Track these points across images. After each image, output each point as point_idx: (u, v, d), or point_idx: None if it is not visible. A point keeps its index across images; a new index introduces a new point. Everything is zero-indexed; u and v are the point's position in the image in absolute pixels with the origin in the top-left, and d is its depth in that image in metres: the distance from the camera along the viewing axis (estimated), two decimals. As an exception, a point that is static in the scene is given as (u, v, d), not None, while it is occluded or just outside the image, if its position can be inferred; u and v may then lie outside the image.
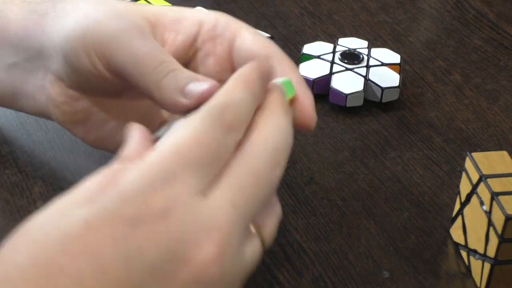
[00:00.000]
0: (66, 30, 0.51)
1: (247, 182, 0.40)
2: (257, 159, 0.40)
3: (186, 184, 0.38)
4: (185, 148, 0.39)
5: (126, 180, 0.38)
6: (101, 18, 0.49)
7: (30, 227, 0.37)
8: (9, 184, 0.58)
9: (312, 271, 0.53)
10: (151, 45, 0.48)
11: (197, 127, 0.40)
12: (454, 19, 0.82)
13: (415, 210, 0.59)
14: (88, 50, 0.49)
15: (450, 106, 0.70)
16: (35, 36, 0.53)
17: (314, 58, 0.71)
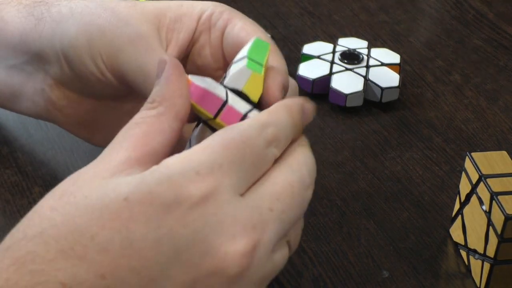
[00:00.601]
0: (69, 37, 0.50)
1: (285, 192, 0.40)
2: (294, 176, 0.41)
3: (229, 178, 0.38)
4: (232, 145, 0.39)
5: (173, 161, 0.38)
6: (105, 26, 0.49)
7: (75, 188, 0.38)
8: (9, 184, 0.58)
9: (312, 271, 0.53)
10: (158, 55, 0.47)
11: (243, 132, 0.40)
12: (454, 19, 0.82)
13: (414, 210, 0.59)
14: (94, 58, 0.49)
15: (450, 106, 0.70)
16: (33, 41, 0.53)
17: (314, 58, 0.71)
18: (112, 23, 0.49)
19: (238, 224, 0.38)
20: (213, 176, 0.38)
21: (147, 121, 0.40)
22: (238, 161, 0.39)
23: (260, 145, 0.40)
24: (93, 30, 0.49)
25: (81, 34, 0.50)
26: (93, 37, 0.49)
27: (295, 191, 0.40)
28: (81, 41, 0.50)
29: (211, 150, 0.39)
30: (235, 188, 0.39)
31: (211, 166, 0.38)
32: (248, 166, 0.39)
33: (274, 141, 0.41)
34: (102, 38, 0.49)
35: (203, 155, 0.38)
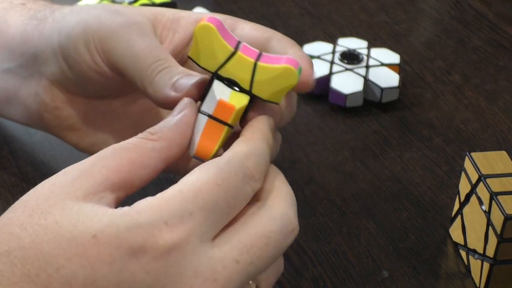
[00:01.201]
0: (66, 28, 0.51)
1: (257, 245, 0.40)
2: (273, 225, 0.40)
3: (198, 226, 0.38)
4: (205, 190, 0.39)
5: (144, 206, 0.38)
6: (101, 15, 0.50)
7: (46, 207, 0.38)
8: (9, 184, 0.58)
9: (312, 271, 0.54)
10: (150, 41, 0.48)
11: (219, 172, 0.40)
12: (454, 19, 0.82)
13: (414, 210, 0.59)
14: (88, 44, 0.50)
15: (450, 106, 0.70)
16: (32, 40, 0.53)
17: (314, 58, 0.71)
18: (107, 13, 0.50)
19: (199, 277, 0.38)
20: (182, 227, 0.38)
21: (139, 150, 0.41)
22: (210, 206, 0.39)
23: (237, 184, 0.40)
24: (89, 17, 0.50)
25: (78, 23, 0.50)
26: (88, 24, 0.50)
27: (270, 243, 0.40)
28: (77, 30, 0.50)
29: (183, 197, 0.38)
30: (205, 236, 0.38)
31: (181, 216, 0.38)
32: (221, 210, 0.39)
33: (254, 175, 0.41)
34: (96, 24, 0.50)
35: (174, 203, 0.38)
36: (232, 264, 0.39)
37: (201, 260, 0.38)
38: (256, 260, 0.39)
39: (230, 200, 0.39)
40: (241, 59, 0.43)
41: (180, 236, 0.38)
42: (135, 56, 0.48)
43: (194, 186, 0.39)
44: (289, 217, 0.41)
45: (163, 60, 0.47)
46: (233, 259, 0.39)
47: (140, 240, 0.37)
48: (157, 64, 0.47)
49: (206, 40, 0.43)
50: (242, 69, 0.44)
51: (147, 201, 0.38)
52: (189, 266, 0.38)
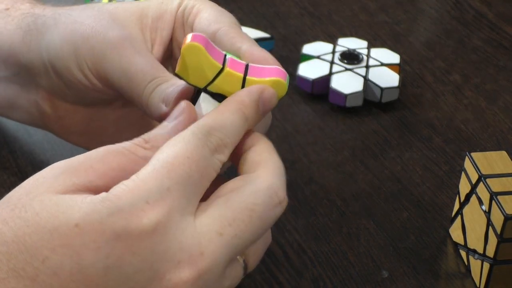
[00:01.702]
0: (54, 47, 0.51)
1: (240, 217, 0.40)
2: (256, 196, 0.40)
3: (178, 200, 0.38)
4: (177, 164, 0.39)
5: (122, 190, 0.38)
6: (89, 34, 0.49)
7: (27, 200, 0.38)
8: (9, 184, 0.58)
9: (311, 271, 0.54)
10: (144, 61, 0.48)
11: (187, 145, 0.40)
12: (454, 19, 0.82)
13: (414, 210, 0.59)
14: (81, 65, 0.50)
15: (450, 106, 0.70)
16: (21, 53, 0.53)
17: (314, 58, 0.71)
18: (94, 29, 0.49)
19: (185, 251, 0.38)
20: (163, 203, 0.38)
21: (130, 157, 0.41)
22: (184, 180, 0.39)
23: (205, 155, 0.40)
24: (77, 38, 0.50)
25: (66, 44, 0.50)
26: (78, 46, 0.49)
27: (254, 215, 0.40)
28: (66, 51, 0.50)
29: (158, 175, 0.39)
30: (185, 210, 0.39)
31: (160, 192, 0.38)
32: (195, 182, 0.39)
33: (219, 147, 0.41)
34: (86, 45, 0.49)
35: (150, 182, 0.38)
36: (216, 237, 0.39)
37: (185, 234, 0.38)
38: (240, 233, 0.39)
39: (202, 172, 0.40)
40: (229, 75, 0.44)
41: (163, 212, 0.38)
42: (129, 78, 0.48)
43: (166, 161, 0.39)
44: (274, 189, 0.41)
45: (158, 79, 0.47)
46: (216, 232, 0.39)
47: (124, 222, 0.37)
48: (152, 83, 0.47)
49: (194, 59, 0.43)
50: (231, 84, 0.44)
51: (124, 184, 0.39)
52: (174, 242, 0.38)
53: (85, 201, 0.38)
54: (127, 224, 0.37)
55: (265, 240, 0.43)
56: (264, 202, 0.40)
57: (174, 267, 0.38)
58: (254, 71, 0.44)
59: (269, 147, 0.44)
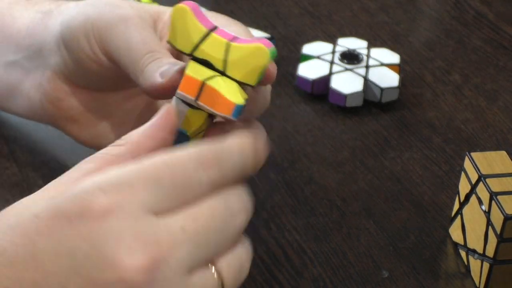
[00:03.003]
0: (68, 19, 0.52)
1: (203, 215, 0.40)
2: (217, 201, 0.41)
3: (138, 197, 0.38)
4: (149, 166, 0.39)
5: (84, 181, 0.39)
6: (103, 8, 0.51)
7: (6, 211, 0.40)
8: (9, 184, 0.58)
9: (311, 271, 0.54)
10: (146, 34, 0.49)
11: (171, 154, 0.40)
12: (454, 19, 0.82)
13: (414, 210, 0.59)
14: (87, 34, 0.51)
15: (450, 106, 0.70)
16: (38, 33, 0.55)
17: (314, 58, 0.71)
18: (108, 5, 0.51)
19: (139, 239, 0.38)
20: (119, 194, 0.38)
21: (104, 158, 0.41)
22: (153, 181, 0.39)
23: (189, 168, 0.40)
24: (89, 10, 0.51)
25: (78, 14, 0.52)
26: (89, 16, 0.51)
27: (215, 214, 0.40)
28: (77, 20, 0.51)
29: (124, 171, 0.39)
30: (147, 207, 0.38)
31: (119, 184, 0.38)
32: (167, 187, 0.39)
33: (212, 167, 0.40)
34: (96, 15, 0.51)
35: (114, 175, 0.39)
36: (178, 231, 0.38)
37: (141, 225, 0.38)
38: (202, 230, 0.39)
39: (176, 181, 0.39)
40: (214, 40, 0.44)
41: (117, 201, 0.38)
42: (130, 48, 0.49)
43: (139, 163, 0.39)
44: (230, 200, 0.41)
45: (155, 52, 0.48)
46: (179, 226, 0.39)
47: (76, 207, 0.38)
48: (149, 55, 0.48)
49: (181, 22, 0.44)
50: (216, 49, 0.44)
51: (91, 175, 0.39)
52: (128, 230, 0.38)
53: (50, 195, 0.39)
54: (79, 208, 0.38)
55: (243, 254, 0.42)
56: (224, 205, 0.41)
57: (126, 254, 0.37)
58: (240, 41, 0.44)
59: None
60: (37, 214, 0.38)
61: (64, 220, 0.37)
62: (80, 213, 0.37)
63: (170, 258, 0.38)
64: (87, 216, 0.37)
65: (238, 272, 0.42)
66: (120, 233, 0.37)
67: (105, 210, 0.38)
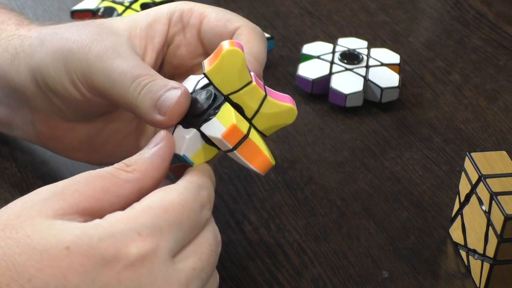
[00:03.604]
0: (45, 66, 0.51)
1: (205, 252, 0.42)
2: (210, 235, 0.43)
3: (166, 242, 0.40)
4: (171, 209, 0.41)
5: (116, 219, 0.40)
6: (74, 47, 0.50)
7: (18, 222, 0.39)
8: (9, 184, 0.58)
9: (311, 271, 0.54)
10: (125, 63, 0.48)
11: (180, 195, 0.42)
12: (454, 19, 0.82)
13: (414, 210, 0.59)
14: (72, 79, 0.50)
15: (450, 106, 0.70)
16: (11, 76, 0.53)
17: (314, 58, 0.71)
18: (80, 43, 0.50)
19: (167, 285, 0.40)
20: (153, 238, 0.39)
21: (113, 180, 0.42)
22: (176, 224, 0.41)
23: (196, 209, 0.42)
24: (65, 53, 0.50)
25: (55, 60, 0.50)
26: (66, 60, 0.50)
27: (212, 250, 0.43)
28: (57, 67, 0.50)
29: (153, 213, 0.40)
30: (171, 250, 0.40)
31: (152, 228, 0.40)
32: (185, 229, 0.41)
33: (207, 204, 0.43)
34: (74, 59, 0.50)
35: (145, 217, 0.40)
36: (191, 272, 0.41)
37: (169, 269, 0.40)
38: (206, 266, 0.42)
39: (191, 222, 0.42)
40: (254, 90, 0.45)
41: (152, 246, 0.39)
42: (114, 82, 0.48)
43: (162, 204, 0.41)
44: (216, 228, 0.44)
45: (141, 78, 0.47)
46: (191, 268, 0.41)
47: (113, 249, 0.38)
48: (135, 84, 0.47)
49: (231, 64, 0.44)
50: (252, 99, 0.45)
51: (119, 214, 0.40)
52: (159, 276, 0.39)
53: (78, 226, 0.39)
54: (116, 251, 0.38)
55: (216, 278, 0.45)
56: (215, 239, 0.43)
57: None
58: (271, 93, 0.46)
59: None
60: (68, 246, 0.38)
61: (100, 261, 0.38)
62: (117, 256, 0.38)
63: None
64: (124, 260, 0.38)
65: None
66: (152, 278, 0.39)
67: (141, 256, 0.39)
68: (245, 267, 0.53)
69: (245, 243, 0.55)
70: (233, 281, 0.52)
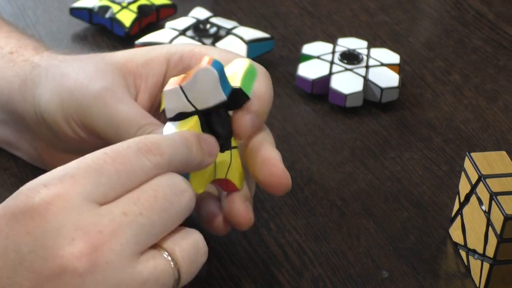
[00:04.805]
0: (44, 102, 0.52)
1: (144, 196, 0.41)
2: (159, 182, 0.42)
3: (79, 187, 0.39)
4: (90, 157, 0.41)
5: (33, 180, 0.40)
6: (73, 87, 0.50)
7: None
8: (9, 184, 0.58)
9: (311, 271, 0.54)
10: (125, 108, 0.49)
11: (114, 145, 0.42)
12: (454, 19, 0.82)
13: (414, 210, 0.59)
14: (67, 119, 0.51)
15: (450, 106, 0.70)
16: (19, 102, 0.54)
17: (314, 58, 0.71)
18: (78, 81, 0.50)
19: (80, 229, 0.39)
20: (60, 185, 0.39)
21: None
22: (94, 170, 0.40)
23: (129, 154, 0.41)
24: (63, 92, 0.51)
25: (53, 97, 0.51)
26: (64, 100, 0.50)
27: (158, 195, 0.41)
28: (54, 104, 0.51)
29: (67, 166, 0.40)
30: (89, 196, 0.39)
31: (61, 177, 0.40)
32: (110, 175, 0.40)
33: (151, 151, 0.42)
34: (71, 99, 0.50)
35: (57, 170, 0.40)
36: (119, 217, 0.39)
37: (82, 214, 0.39)
38: (145, 211, 0.40)
39: (119, 167, 0.40)
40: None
41: (58, 192, 0.39)
42: (117, 127, 0.48)
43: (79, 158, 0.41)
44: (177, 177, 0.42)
45: (146, 127, 0.48)
46: (120, 212, 0.40)
47: (20, 203, 0.39)
48: (140, 132, 0.48)
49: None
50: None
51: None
52: (69, 220, 0.39)
53: None
54: (22, 204, 0.39)
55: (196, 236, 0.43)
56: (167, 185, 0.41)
57: (67, 244, 0.38)
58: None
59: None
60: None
61: (10, 217, 0.39)
62: (23, 208, 0.39)
63: (113, 243, 0.39)
64: (30, 210, 0.39)
65: (193, 254, 0.42)
66: (61, 224, 0.39)
67: (46, 203, 0.39)
68: (245, 267, 0.53)
69: (245, 243, 0.55)
70: (233, 281, 0.52)
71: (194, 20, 0.73)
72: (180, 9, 0.77)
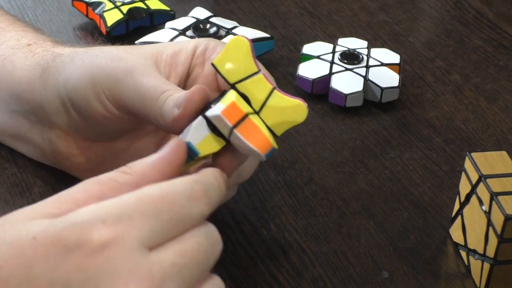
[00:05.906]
0: (73, 82, 0.52)
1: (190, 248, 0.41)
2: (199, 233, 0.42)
3: (136, 231, 0.39)
4: (147, 199, 0.40)
5: (85, 209, 0.39)
6: (104, 63, 0.51)
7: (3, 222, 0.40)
8: (9, 184, 0.58)
9: (311, 271, 0.54)
10: (153, 79, 0.50)
11: (166, 187, 0.41)
12: (454, 19, 0.82)
13: (414, 210, 0.59)
14: (98, 95, 0.51)
15: (450, 106, 0.70)
16: (39, 90, 0.55)
17: (314, 58, 0.71)
18: (109, 60, 0.51)
19: (134, 275, 0.38)
20: (120, 226, 0.39)
21: (110, 183, 0.42)
22: (152, 214, 0.40)
23: (181, 202, 0.41)
24: (93, 69, 0.51)
25: (83, 75, 0.52)
26: (94, 76, 0.51)
27: (201, 249, 0.41)
28: (84, 82, 0.52)
29: (123, 202, 0.40)
30: (143, 241, 0.39)
31: (119, 217, 0.39)
32: (165, 221, 0.40)
33: (200, 199, 0.42)
34: (101, 74, 0.51)
35: (114, 206, 0.39)
36: (169, 266, 0.40)
37: (137, 259, 0.39)
38: (189, 263, 0.40)
39: (173, 214, 0.40)
40: (261, 81, 0.46)
41: (116, 234, 0.38)
42: (143, 96, 0.49)
43: (137, 194, 0.40)
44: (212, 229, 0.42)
45: (168, 91, 0.49)
46: (170, 261, 0.40)
47: (75, 237, 0.38)
48: (163, 96, 0.48)
49: (237, 53, 0.45)
50: (259, 90, 0.46)
51: (91, 205, 0.40)
52: (124, 265, 0.38)
53: (49, 219, 0.39)
54: (78, 239, 0.38)
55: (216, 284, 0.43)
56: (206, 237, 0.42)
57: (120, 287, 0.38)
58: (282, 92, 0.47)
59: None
60: (35, 236, 0.38)
61: (62, 248, 0.38)
62: (78, 244, 0.38)
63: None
64: (85, 247, 0.38)
65: None
66: (116, 267, 0.38)
67: (104, 243, 0.38)
68: (245, 267, 0.53)
69: (245, 243, 0.55)
70: (233, 281, 0.52)
71: (194, 20, 0.73)
72: (180, 9, 0.77)
